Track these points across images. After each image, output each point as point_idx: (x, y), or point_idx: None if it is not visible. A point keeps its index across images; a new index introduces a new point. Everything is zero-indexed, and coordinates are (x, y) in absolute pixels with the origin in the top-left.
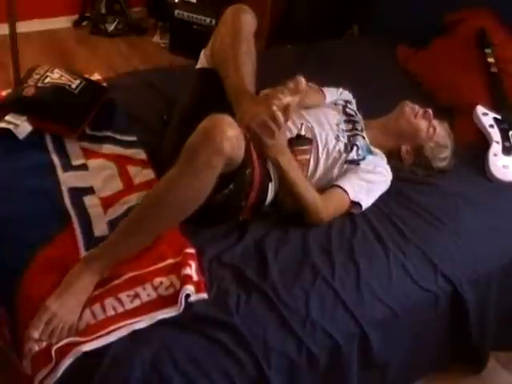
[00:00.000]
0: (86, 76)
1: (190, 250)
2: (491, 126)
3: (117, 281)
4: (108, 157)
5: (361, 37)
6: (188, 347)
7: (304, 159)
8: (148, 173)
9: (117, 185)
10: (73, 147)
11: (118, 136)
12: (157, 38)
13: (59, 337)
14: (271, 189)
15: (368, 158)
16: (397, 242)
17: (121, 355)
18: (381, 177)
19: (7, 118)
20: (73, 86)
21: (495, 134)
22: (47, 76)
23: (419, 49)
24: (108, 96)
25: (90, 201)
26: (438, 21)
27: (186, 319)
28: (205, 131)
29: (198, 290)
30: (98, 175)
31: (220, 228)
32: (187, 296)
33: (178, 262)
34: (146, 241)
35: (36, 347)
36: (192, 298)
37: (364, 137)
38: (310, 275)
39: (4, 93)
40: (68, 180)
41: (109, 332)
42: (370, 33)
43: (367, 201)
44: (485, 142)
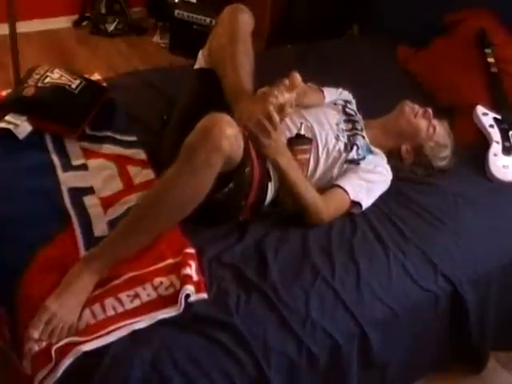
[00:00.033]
0: (86, 76)
1: (190, 250)
2: (491, 126)
3: (117, 281)
4: (108, 157)
5: (361, 37)
6: (188, 347)
7: (304, 159)
8: (148, 173)
9: (117, 185)
10: (73, 147)
11: (118, 136)
12: (157, 38)
13: (59, 337)
14: (271, 188)
15: (368, 158)
16: (397, 242)
17: (121, 355)
18: (381, 176)
19: (7, 118)
20: (73, 86)
21: (495, 134)
22: (47, 76)
23: (419, 49)
24: (108, 96)
25: (90, 201)
26: (438, 21)
27: (186, 319)
28: (203, 130)
29: (198, 290)
30: (98, 175)
31: (220, 228)
32: (187, 296)
33: (178, 262)
34: (146, 240)
35: (36, 347)
36: (192, 298)
37: (364, 136)
38: (310, 275)
39: (4, 93)
40: (68, 180)
41: (109, 332)
42: (370, 33)
43: (367, 200)
44: (485, 142)
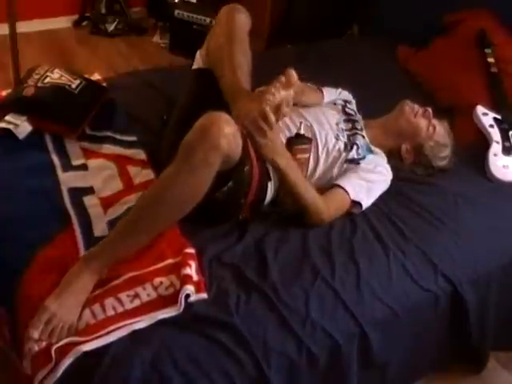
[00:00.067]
0: (86, 76)
1: (190, 250)
2: (491, 126)
3: (117, 281)
4: (108, 157)
5: (361, 37)
6: (188, 347)
7: (303, 158)
8: (148, 173)
9: (117, 185)
10: (73, 147)
11: (118, 136)
12: (157, 38)
13: (59, 336)
14: (271, 188)
15: (368, 158)
16: (397, 242)
17: (121, 355)
18: (381, 176)
19: (7, 118)
20: (73, 86)
21: (495, 134)
22: (47, 76)
23: (419, 49)
24: (108, 96)
25: (90, 201)
26: (438, 21)
27: (186, 319)
28: (202, 128)
29: (198, 290)
30: (98, 175)
31: (220, 228)
32: (187, 296)
33: (178, 262)
34: (145, 239)
35: (36, 347)
36: (192, 298)
37: (364, 136)
38: (310, 275)
39: (4, 93)
40: (68, 180)
41: (109, 332)
42: (370, 33)
43: (367, 200)
44: (485, 142)
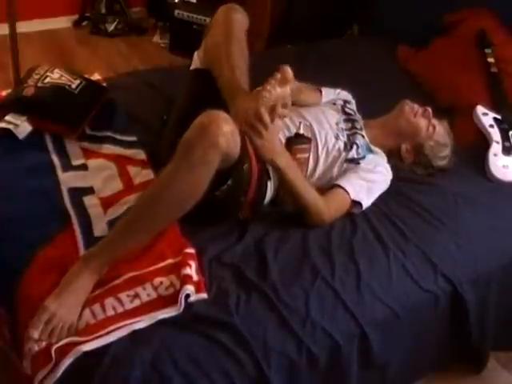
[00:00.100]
0: (86, 76)
1: (190, 250)
2: (491, 126)
3: (117, 281)
4: (108, 157)
5: (361, 37)
6: (188, 347)
7: (303, 158)
8: (148, 173)
9: (117, 185)
10: (73, 147)
11: (118, 136)
12: (157, 38)
13: (59, 336)
14: (270, 187)
15: (368, 157)
16: (397, 242)
17: (121, 355)
18: (381, 176)
19: (7, 118)
20: (73, 86)
21: (495, 134)
22: (47, 76)
23: (419, 49)
24: (108, 96)
25: (90, 201)
26: (438, 21)
27: (186, 319)
28: (200, 127)
29: (198, 290)
30: (98, 175)
31: (220, 228)
32: (187, 296)
33: (178, 262)
34: (145, 238)
35: (36, 347)
36: (192, 298)
37: (363, 135)
38: (310, 275)
39: (4, 93)
40: (68, 180)
41: (109, 332)
42: (370, 33)
43: (367, 200)
44: (485, 142)
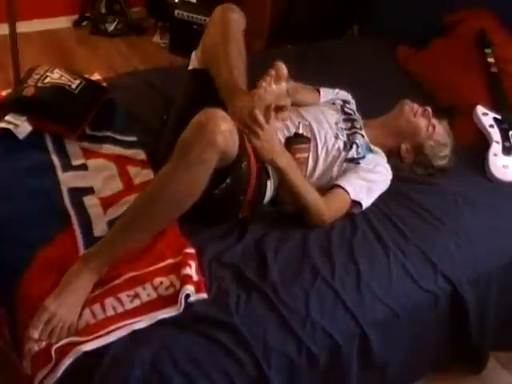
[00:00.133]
0: (86, 76)
1: (190, 250)
2: (491, 126)
3: (117, 281)
4: (108, 157)
5: (361, 37)
6: (188, 347)
7: (302, 158)
8: (148, 173)
9: (117, 185)
10: (73, 147)
11: (118, 136)
12: (157, 38)
13: (59, 336)
14: (270, 186)
15: (368, 157)
16: (397, 242)
17: (121, 355)
18: (381, 176)
19: (7, 118)
20: (73, 86)
21: (495, 134)
22: (47, 76)
23: (419, 49)
24: (108, 96)
25: (90, 201)
26: (438, 21)
27: (186, 319)
28: (198, 125)
29: (198, 290)
30: (98, 175)
31: (220, 228)
32: (187, 296)
33: (178, 262)
34: (144, 238)
35: (36, 347)
36: (192, 298)
37: (363, 135)
38: (310, 275)
39: (4, 93)
40: (68, 180)
41: (109, 332)
42: (370, 33)
43: (367, 200)
44: (485, 142)
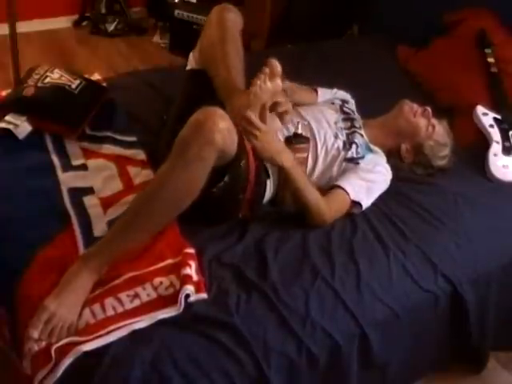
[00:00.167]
0: (86, 76)
1: (190, 250)
2: (491, 126)
3: (117, 281)
4: (108, 157)
5: (361, 37)
6: (188, 347)
7: (301, 157)
8: (148, 173)
9: (117, 185)
10: (73, 147)
11: (118, 136)
12: (157, 38)
13: (59, 336)
14: (269, 186)
15: (367, 157)
16: (397, 242)
17: (121, 355)
18: (380, 176)
19: (7, 118)
20: (73, 86)
21: (495, 134)
22: (47, 76)
23: (419, 49)
24: (108, 96)
25: (90, 201)
26: (438, 21)
27: (186, 319)
28: (196, 123)
29: (198, 290)
30: (98, 175)
31: (220, 228)
32: (187, 296)
33: (178, 262)
34: (143, 237)
35: (36, 347)
36: (192, 298)
37: (362, 135)
38: (310, 275)
39: (4, 93)
40: (68, 180)
41: (109, 332)
42: (370, 33)
43: (367, 200)
44: (485, 142)
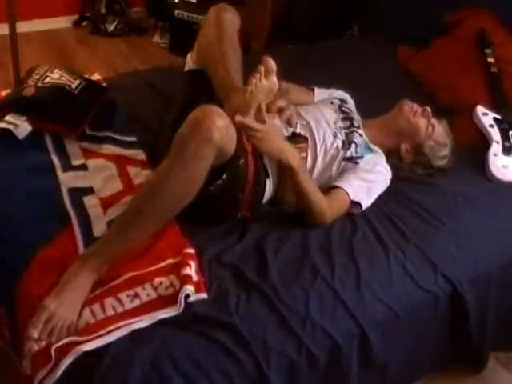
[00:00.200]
0: (86, 76)
1: (190, 250)
2: (491, 126)
3: (116, 281)
4: (108, 157)
5: (361, 37)
6: (188, 347)
7: (301, 157)
8: (147, 173)
9: (117, 185)
10: (72, 147)
11: (118, 136)
12: (157, 38)
13: (58, 336)
14: (269, 185)
15: (366, 157)
16: (397, 242)
17: (121, 355)
18: (380, 176)
19: (7, 118)
20: (73, 86)
21: (495, 134)
22: (47, 76)
23: (420, 49)
24: (108, 96)
25: (90, 201)
26: (439, 20)
27: (186, 319)
28: (194, 122)
29: (198, 290)
30: (98, 175)
31: (220, 228)
32: (187, 296)
33: (178, 262)
34: (142, 236)
35: (35, 347)
36: (192, 298)
37: (361, 134)
38: (310, 275)
39: (4, 93)
40: (68, 180)
41: (108, 332)
42: (371, 32)
43: (367, 201)
44: (485, 142)
